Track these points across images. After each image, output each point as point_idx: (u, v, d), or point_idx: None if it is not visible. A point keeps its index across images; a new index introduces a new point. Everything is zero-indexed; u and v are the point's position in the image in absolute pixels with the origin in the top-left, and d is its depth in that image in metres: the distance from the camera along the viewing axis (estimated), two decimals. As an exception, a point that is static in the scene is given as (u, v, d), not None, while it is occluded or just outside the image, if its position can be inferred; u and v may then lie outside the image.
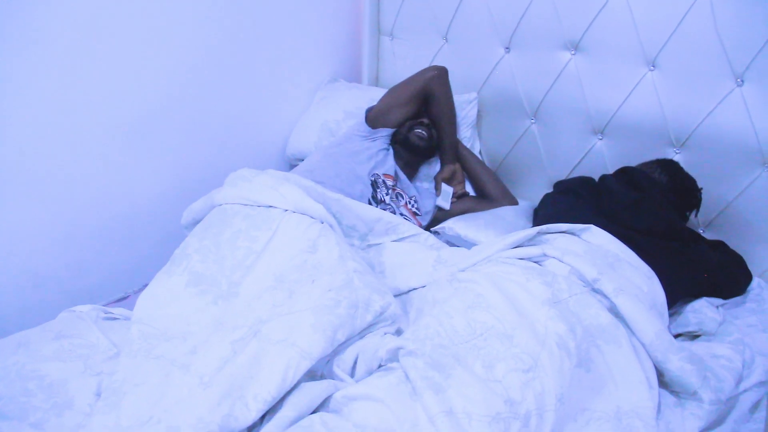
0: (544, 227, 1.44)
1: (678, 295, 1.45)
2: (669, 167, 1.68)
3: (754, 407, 1.26)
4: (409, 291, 1.41)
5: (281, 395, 1.02)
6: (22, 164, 1.52)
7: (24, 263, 1.59)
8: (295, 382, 1.04)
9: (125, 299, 1.61)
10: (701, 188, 1.67)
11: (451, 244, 1.74)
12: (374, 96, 2.13)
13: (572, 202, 1.63)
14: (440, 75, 1.87)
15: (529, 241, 1.44)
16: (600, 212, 1.54)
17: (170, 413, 0.99)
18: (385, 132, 1.90)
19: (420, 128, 1.90)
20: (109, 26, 1.58)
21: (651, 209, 1.51)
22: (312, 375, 1.13)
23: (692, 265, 1.47)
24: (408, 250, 1.53)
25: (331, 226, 1.39)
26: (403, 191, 1.85)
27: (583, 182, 1.69)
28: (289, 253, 1.30)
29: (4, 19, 1.38)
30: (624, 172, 1.66)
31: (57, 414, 1.04)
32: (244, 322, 1.15)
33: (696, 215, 1.68)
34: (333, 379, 1.13)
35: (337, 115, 2.11)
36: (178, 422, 0.97)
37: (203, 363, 1.07)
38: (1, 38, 1.39)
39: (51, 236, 1.62)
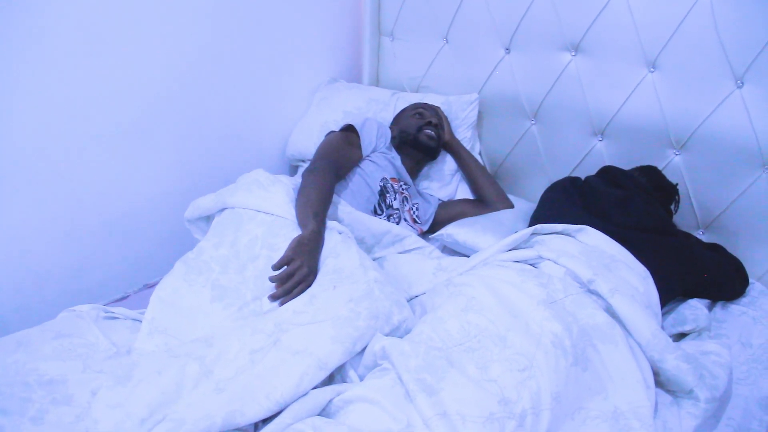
0: (538, 227, 1.44)
1: (674, 292, 1.45)
2: (647, 170, 1.72)
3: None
4: (412, 299, 1.41)
5: (293, 400, 1.02)
6: (23, 163, 1.53)
7: (24, 263, 1.60)
8: (308, 390, 1.04)
9: (125, 299, 1.62)
10: (677, 183, 1.71)
11: (449, 250, 1.75)
12: (373, 96, 2.14)
13: (562, 201, 1.64)
14: None
15: (525, 243, 1.44)
16: (590, 211, 1.55)
17: (179, 414, 1.00)
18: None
19: (429, 129, 1.88)
20: (109, 25, 1.58)
21: (638, 206, 1.52)
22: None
23: (688, 263, 1.48)
24: (410, 260, 1.54)
25: (349, 237, 1.40)
26: (410, 196, 1.85)
27: (571, 182, 1.69)
28: None
29: (4, 19, 1.39)
30: (606, 172, 1.67)
31: (56, 408, 1.05)
32: (263, 327, 1.15)
33: (676, 210, 1.70)
34: (345, 378, 1.14)
35: (336, 115, 2.11)
36: (183, 416, 0.98)
37: (221, 370, 1.08)
38: (1, 38, 1.40)
39: (51, 236, 1.63)
